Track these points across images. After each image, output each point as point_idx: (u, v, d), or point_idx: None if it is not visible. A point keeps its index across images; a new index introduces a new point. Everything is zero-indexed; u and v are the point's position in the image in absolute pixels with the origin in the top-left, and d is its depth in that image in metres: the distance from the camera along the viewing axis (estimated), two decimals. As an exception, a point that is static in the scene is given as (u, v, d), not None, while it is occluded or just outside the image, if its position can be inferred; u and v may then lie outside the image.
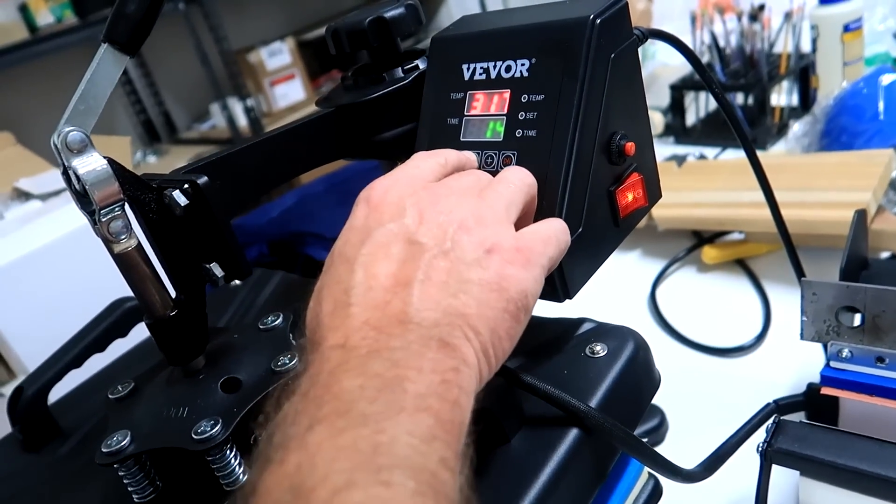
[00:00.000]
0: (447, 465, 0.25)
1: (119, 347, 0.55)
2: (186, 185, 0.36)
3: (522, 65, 0.40)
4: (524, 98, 0.40)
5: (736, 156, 1.04)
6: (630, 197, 0.42)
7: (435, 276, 0.30)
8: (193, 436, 0.35)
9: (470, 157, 0.40)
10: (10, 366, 0.82)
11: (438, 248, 0.31)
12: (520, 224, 0.34)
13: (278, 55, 2.72)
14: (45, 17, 2.23)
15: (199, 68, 2.50)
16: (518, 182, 0.36)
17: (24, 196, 0.96)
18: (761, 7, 1.06)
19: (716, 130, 1.13)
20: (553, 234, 0.34)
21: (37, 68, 2.39)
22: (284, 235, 1.17)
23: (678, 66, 1.24)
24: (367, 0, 3.39)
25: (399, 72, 0.46)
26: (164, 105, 2.87)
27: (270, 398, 0.30)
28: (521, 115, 0.40)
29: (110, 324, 0.52)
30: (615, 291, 0.80)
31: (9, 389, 0.84)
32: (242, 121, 2.57)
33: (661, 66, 1.33)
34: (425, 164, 0.36)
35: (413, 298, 0.29)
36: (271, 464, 0.25)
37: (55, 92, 2.43)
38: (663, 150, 1.11)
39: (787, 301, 0.74)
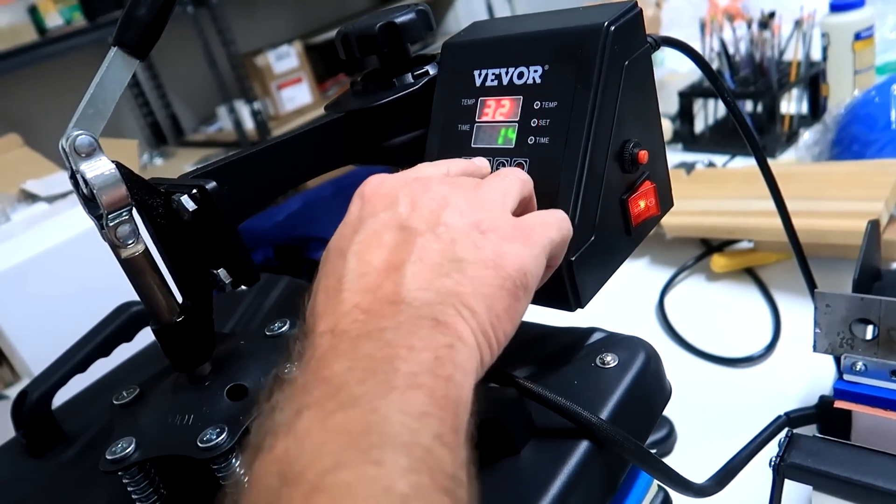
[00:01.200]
0: (443, 441, 0.24)
1: (124, 350, 0.55)
2: (195, 191, 0.36)
3: (535, 71, 0.40)
4: (537, 105, 0.39)
5: (745, 164, 1.03)
6: (642, 205, 0.42)
7: (427, 258, 0.29)
8: (199, 444, 0.35)
9: (480, 163, 0.39)
10: (15, 368, 0.82)
11: (431, 231, 0.30)
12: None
13: (286, 58, 2.73)
14: (54, 19, 2.23)
15: (206, 71, 2.50)
16: (512, 176, 0.35)
17: (30, 198, 0.96)
18: (771, 14, 1.05)
19: (724, 138, 1.12)
20: (554, 219, 0.34)
21: (45, 70, 2.40)
22: (290, 239, 1.17)
23: (687, 73, 1.23)
24: (374, 4, 3.40)
25: (409, 77, 0.45)
26: (171, 107, 2.88)
27: (263, 390, 0.29)
28: (534, 122, 0.39)
29: (116, 328, 0.51)
30: (623, 299, 0.79)
31: (13, 392, 0.84)
32: (249, 124, 2.57)
33: (669, 73, 1.33)
34: (426, 170, 0.36)
35: (405, 279, 0.28)
36: (261, 451, 0.25)
37: (63, 94, 2.45)
38: (672, 157, 1.10)
39: (796, 311, 0.73)
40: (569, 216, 0.37)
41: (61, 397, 0.52)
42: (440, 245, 0.30)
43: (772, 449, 0.42)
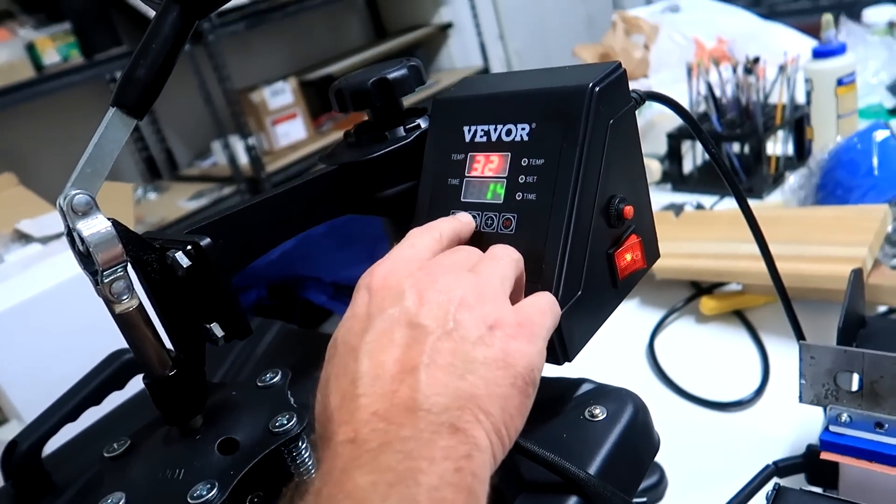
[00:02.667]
0: None
1: (115, 397, 0.54)
2: (189, 247, 0.36)
3: (523, 129, 0.41)
4: (524, 161, 0.40)
5: (733, 205, 1.05)
6: (629, 258, 0.43)
7: (440, 359, 0.30)
8: (189, 500, 0.35)
9: (466, 221, 0.40)
10: (4, 410, 0.81)
11: (441, 329, 0.31)
12: (511, 299, 0.35)
13: (280, 94, 2.76)
14: (51, 56, 2.26)
15: (201, 106, 2.53)
16: (506, 257, 0.36)
17: (24, 238, 0.96)
18: (756, 59, 1.08)
19: (713, 179, 1.14)
20: (547, 305, 0.35)
21: (42, 107, 2.42)
22: (284, 278, 1.17)
23: (675, 115, 1.26)
24: (369, 41, 3.45)
25: (401, 131, 0.46)
26: (166, 142, 2.90)
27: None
28: (521, 179, 0.40)
29: (107, 376, 0.51)
30: (613, 341, 0.80)
31: (0, 433, 0.83)
32: (244, 159, 2.59)
33: (658, 115, 1.35)
34: (420, 241, 0.36)
35: (421, 384, 0.29)
36: None
37: (59, 131, 2.47)
38: (660, 198, 1.11)
39: (785, 354, 0.74)
40: (556, 271, 0.37)
41: (50, 445, 0.51)
42: (451, 344, 0.30)
43: (760, 499, 0.43)
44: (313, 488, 0.28)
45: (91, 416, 0.54)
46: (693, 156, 1.17)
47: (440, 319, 0.31)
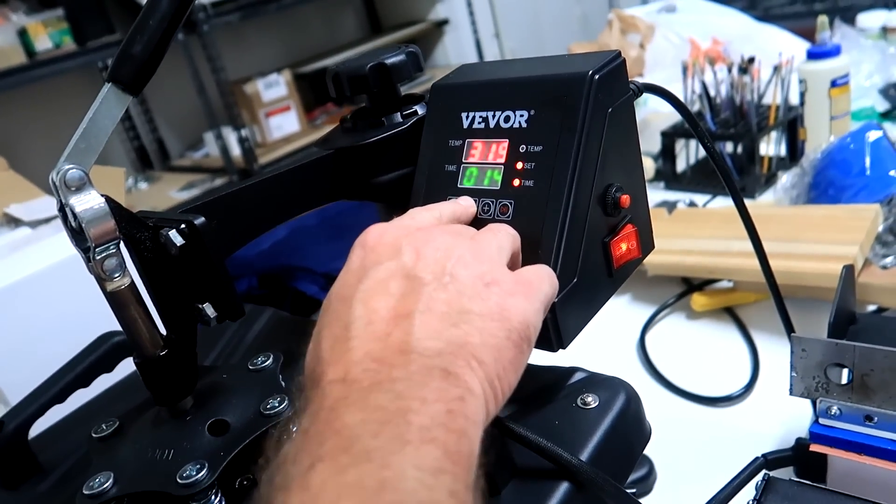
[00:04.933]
0: (458, 497, 0.24)
1: (104, 381, 0.54)
2: (183, 226, 0.36)
3: (521, 116, 0.41)
4: (522, 148, 0.40)
5: (726, 203, 1.06)
6: (624, 248, 0.43)
7: (435, 308, 0.30)
8: (178, 480, 0.34)
9: (466, 205, 0.40)
10: (-10, 394, 0.80)
11: (437, 281, 0.31)
12: None
13: (274, 87, 2.75)
14: (43, 43, 2.24)
15: (194, 97, 2.51)
16: (504, 231, 0.36)
17: (13, 222, 0.95)
18: (751, 60, 1.08)
19: (706, 177, 1.14)
20: (546, 274, 0.35)
21: (33, 93, 2.40)
22: (275, 268, 1.17)
23: (669, 113, 1.26)
24: (364, 35, 3.45)
25: (398, 117, 0.46)
26: (158, 132, 2.88)
27: (270, 438, 0.29)
28: (519, 165, 0.40)
29: (96, 359, 0.51)
30: (604, 336, 0.80)
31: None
32: (236, 150, 2.58)
33: (652, 113, 1.35)
34: (420, 216, 0.36)
35: (414, 328, 0.29)
36: None
37: (50, 117, 2.45)
38: (654, 195, 1.12)
39: (774, 351, 0.74)
40: (552, 258, 0.37)
41: (37, 427, 0.51)
42: (447, 295, 0.30)
43: (749, 491, 0.43)
44: (300, 427, 0.27)
45: (79, 399, 0.54)
46: (686, 154, 1.18)
47: (437, 273, 0.31)
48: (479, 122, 0.43)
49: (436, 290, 0.30)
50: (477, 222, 0.41)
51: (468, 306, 0.30)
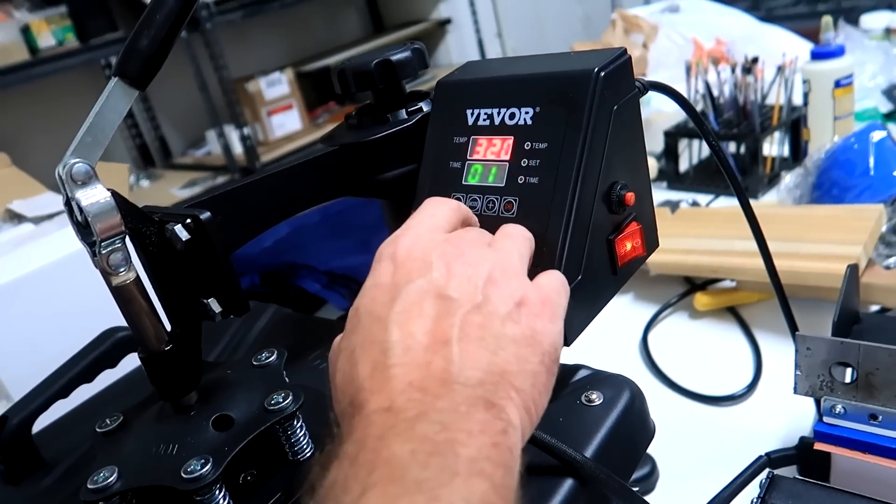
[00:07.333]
0: None
1: (107, 376, 0.54)
2: (189, 220, 0.36)
3: (526, 113, 0.41)
4: (527, 145, 0.40)
5: (728, 203, 1.05)
6: (629, 246, 0.43)
7: (471, 332, 0.30)
8: (183, 475, 0.34)
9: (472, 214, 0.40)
10: (-7, 389, 0.81)
11: (471, 302, 0.31)
12: None
13: (277, 85, 2.75)
14: (46, 40, 2.24)
15: (197, 95, 2.51)
16: (521, 236, 0.36)
17: (16, 218, 0.96)
18: (755, 60, 1.08)
19: (709, 177, 1.14)
20: (561, 284, 0.35)
21: (36, 90, 2.40)
22: (277, 266, 1.17)
23: (672, 113, 1.26)
24: (367, 34, 3.45)
25: (403, 113, 0.46)
26: (160, 129, 2.88)
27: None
28: (524, 162, 0.40)
29: (100, 354, 0.51)
30: (607, 335, 0.80)
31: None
32: (238, 148, 2.58)
33: (655, 113, 1.35)
34: (439, 210, 0.36)
35: (454, 356, 0.29)
36: None
37: (53, 114, 2.45)
38: (656, 195, 1.12)
39: (777, 351, 0.74)
40: (557, 256, 0.37)
41: (41, 422, 0.51)
42: (481, 318, 0.30)
43: (753, 489, 0.43)
44: (347, 454, 0.27)
45: (82, 394, 0.54)
46: (689, 154, 1.17)
47: (469, 293, 0.31)
48: (485, 119, 0.43)
49: (469, 313, 0.30)
50: (481, 220, 0.40)
51: (502, 331, 0.30)
